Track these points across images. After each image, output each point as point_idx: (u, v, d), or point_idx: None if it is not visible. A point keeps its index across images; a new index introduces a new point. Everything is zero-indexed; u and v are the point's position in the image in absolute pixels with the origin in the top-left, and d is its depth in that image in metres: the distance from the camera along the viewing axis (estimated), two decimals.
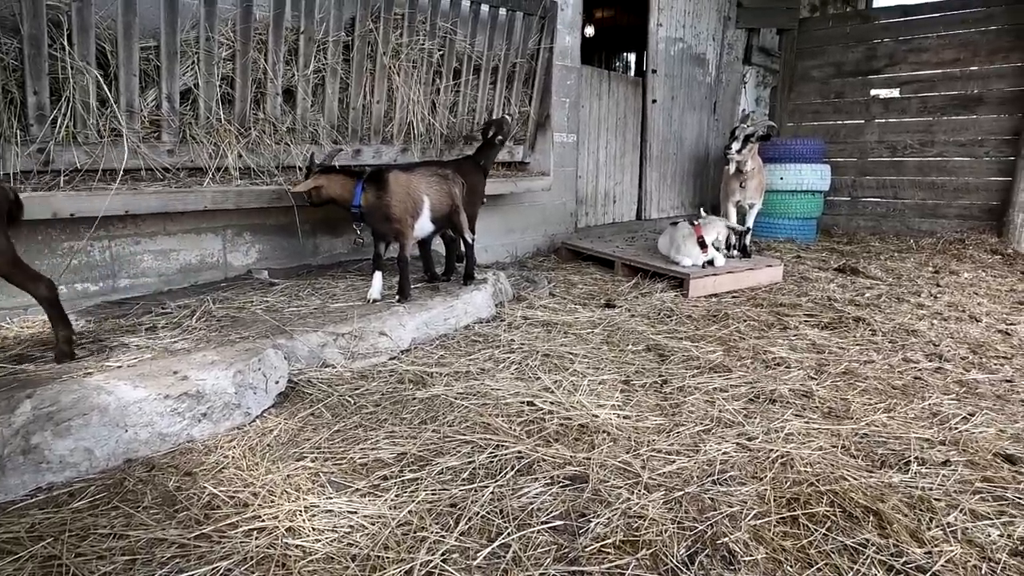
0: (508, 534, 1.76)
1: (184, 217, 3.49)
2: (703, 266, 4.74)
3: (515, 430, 2.37)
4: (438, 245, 4.07)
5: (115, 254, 3.31)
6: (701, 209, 5.34)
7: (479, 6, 4.38)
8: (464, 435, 2.32)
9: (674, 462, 2.18)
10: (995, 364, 3.29)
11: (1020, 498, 2.00)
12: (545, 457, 2.18)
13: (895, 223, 7.45)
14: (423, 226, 3.47)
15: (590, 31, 11.94)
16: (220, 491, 1.92)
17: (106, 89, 2.95)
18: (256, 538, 1.72)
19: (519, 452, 2.20)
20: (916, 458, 2.24)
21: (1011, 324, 3.99)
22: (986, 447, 2.34)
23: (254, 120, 3.50)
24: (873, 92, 7.64)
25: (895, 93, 7.54)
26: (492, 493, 1.96)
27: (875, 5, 10.40)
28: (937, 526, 1.84)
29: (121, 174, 3.02)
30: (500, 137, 4.03)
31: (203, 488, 1.94)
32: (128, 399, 2.11)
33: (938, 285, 5.01)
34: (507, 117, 4.26)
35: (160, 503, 1.87)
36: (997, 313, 4.26)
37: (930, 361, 3.31)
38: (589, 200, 6.63)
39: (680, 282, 4.61)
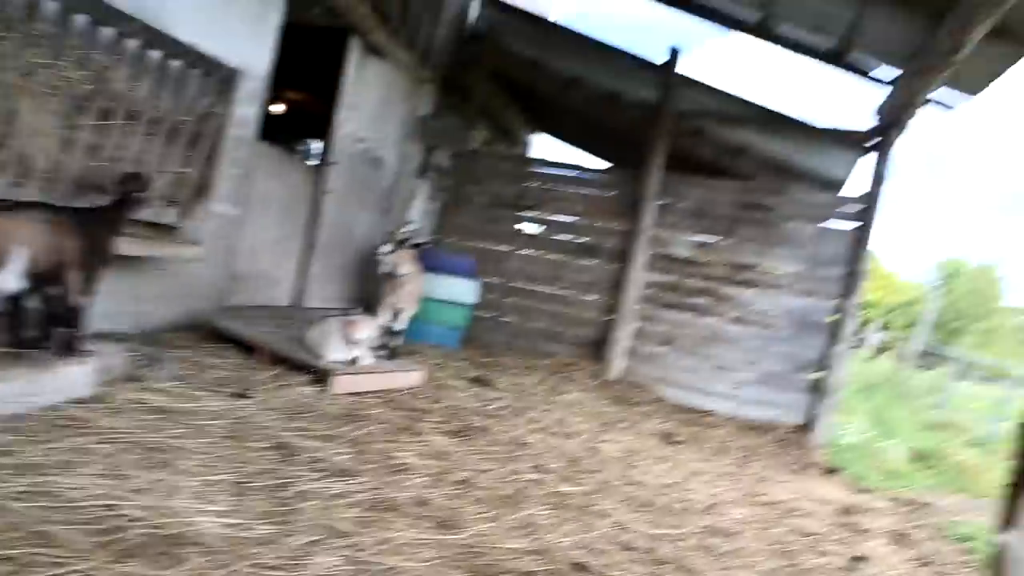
0: None
1: None
2: (350, 363, 4.73)
3: (84, 542, 1.98)
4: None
5: None
6: (356, 309, 5.40)
7: (145, 51, 3.99)
8: (9, 550, 1.85)
9: None
10: (582, 478, 3.82)
11: None
12: None
13: (525, 343, 8.46)
14: (5, 280, 2.85)
15: (280, 108, 11.76)
16: None
17: None
18: None
19: (81, 572, 1.82)
20: (506, 570, 2.43)
21: (600, 442, 4.72)
22: (563, 557, 2.65)
23: None
24: (520, 226, 8.83)
25: (538, 230, 8.82)
26: None
27: (530, 153, 12.29)
28: None
29: None
30: (137, 194, 3.60)
31: None
32: None
33: (549, 402, 5.74)
34: (145, 174, 3.82)
35: None
36: (590, 432, 5.01)
37: (534, 473, 3.70)
38: (247, 279, 6.24)
39: (323, 377, 4.52)
